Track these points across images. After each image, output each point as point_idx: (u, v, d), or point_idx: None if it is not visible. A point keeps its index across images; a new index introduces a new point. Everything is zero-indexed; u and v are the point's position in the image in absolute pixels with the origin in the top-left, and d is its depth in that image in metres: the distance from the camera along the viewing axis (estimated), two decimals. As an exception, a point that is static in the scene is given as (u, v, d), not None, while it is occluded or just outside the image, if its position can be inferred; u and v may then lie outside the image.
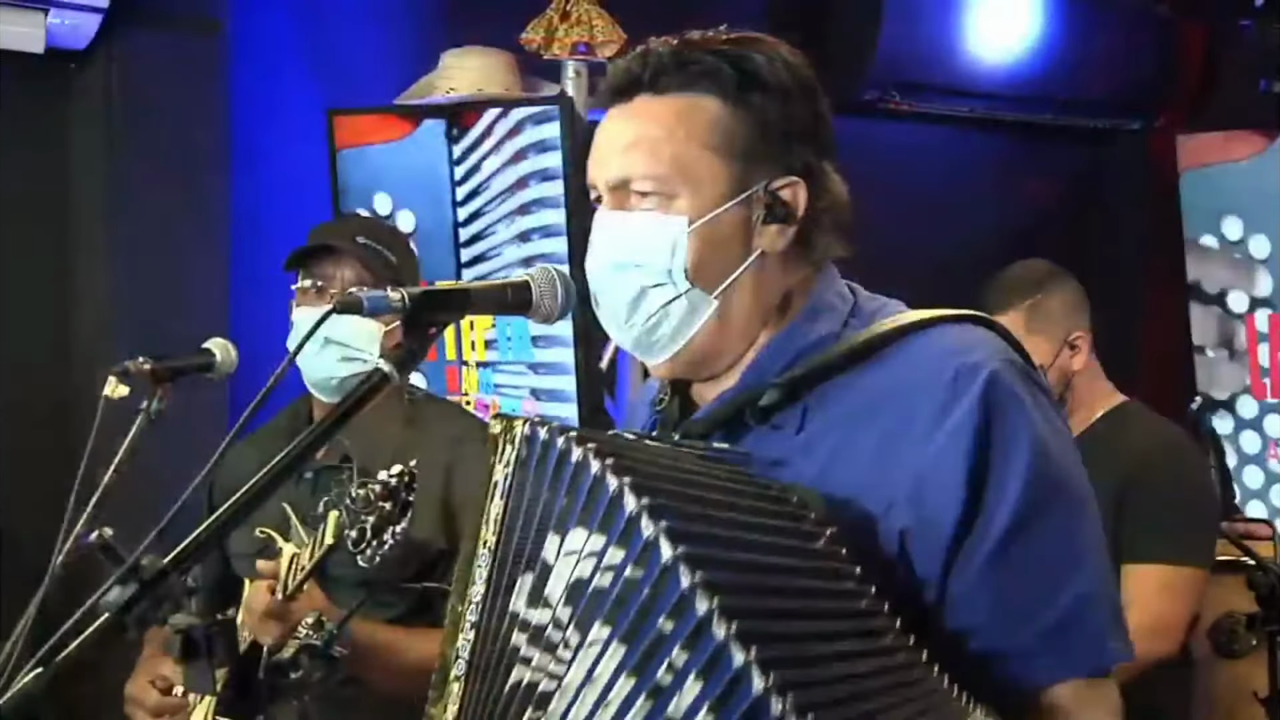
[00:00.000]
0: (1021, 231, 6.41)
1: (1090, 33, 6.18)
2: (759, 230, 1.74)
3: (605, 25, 4.54)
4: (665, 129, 1.72)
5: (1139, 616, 3.30)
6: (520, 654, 1.60)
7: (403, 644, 2.79)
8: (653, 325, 1.75)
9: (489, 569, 1.66)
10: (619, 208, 1.76)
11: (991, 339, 1.73)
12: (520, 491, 1.64)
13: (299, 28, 5.09)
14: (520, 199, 4.51)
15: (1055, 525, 1.64)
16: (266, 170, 4.94)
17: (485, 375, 4.68)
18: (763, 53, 1.75)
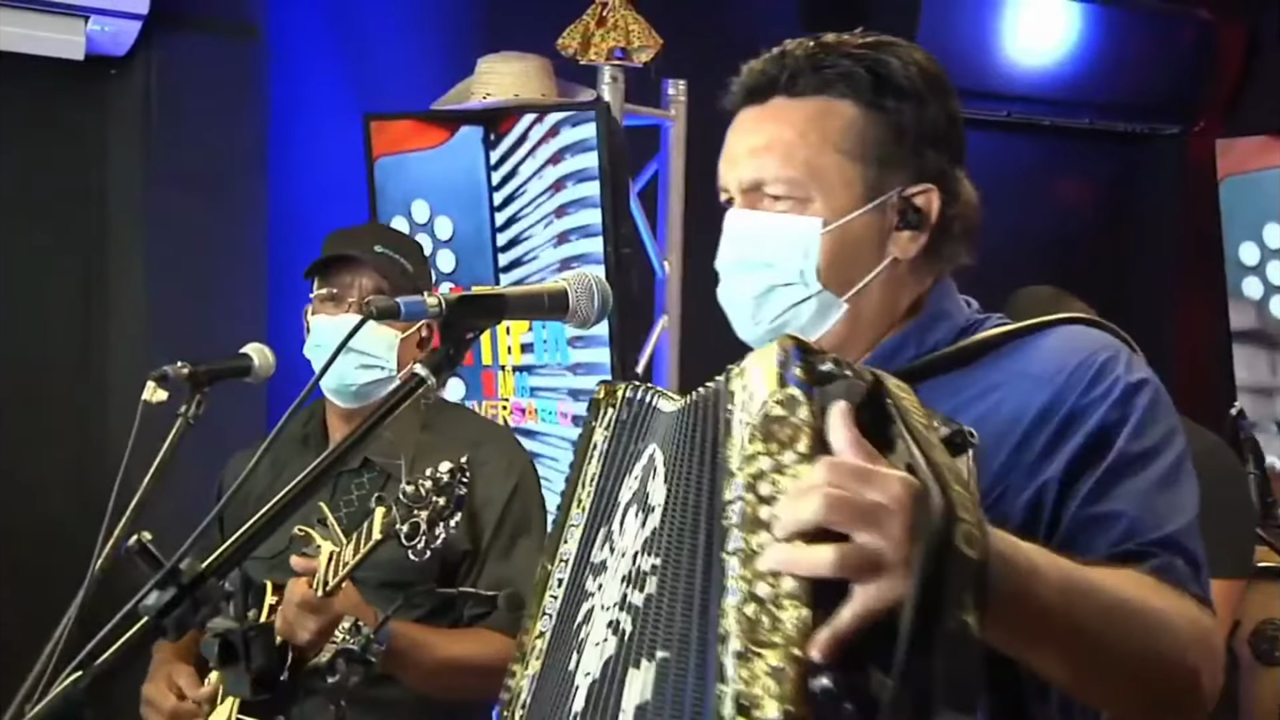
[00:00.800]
0: (1058, 236, 6.39)
1: (1127, 36, 6.15)
2: (892, 236, 1.75)
3: (641, 30, 4.53)
4: (799, 132, 1.72)
5: None
6: (586, 591, 1.65)
7: (435, 643, 2.81)
8: (781, 324, 1.75)
9: (582, 528, 1.71)
10: (751, 208, 1.76)
11: (1107, 337, 1.72)
12: (615, 449, 1.70)
13: (335, 33, 5.11)
14: (557, 200, 4.52)
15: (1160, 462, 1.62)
16: (303, 175, 4.96)
17: (522, 379, 4.68)
18: (898, 56, 1.75)
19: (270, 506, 1.59)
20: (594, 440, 1.74)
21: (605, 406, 1.74)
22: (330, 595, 2.63)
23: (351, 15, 5.15)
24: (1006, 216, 6.22)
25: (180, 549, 1.54)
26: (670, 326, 4.80)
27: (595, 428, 1.74)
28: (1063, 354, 1.67)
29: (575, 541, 1.72)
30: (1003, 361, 1.70)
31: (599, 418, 1.74)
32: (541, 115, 4.51)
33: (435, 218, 4.72)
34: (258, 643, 1.63)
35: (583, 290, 1.80)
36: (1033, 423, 1.63)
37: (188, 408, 2.70)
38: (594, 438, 1.74)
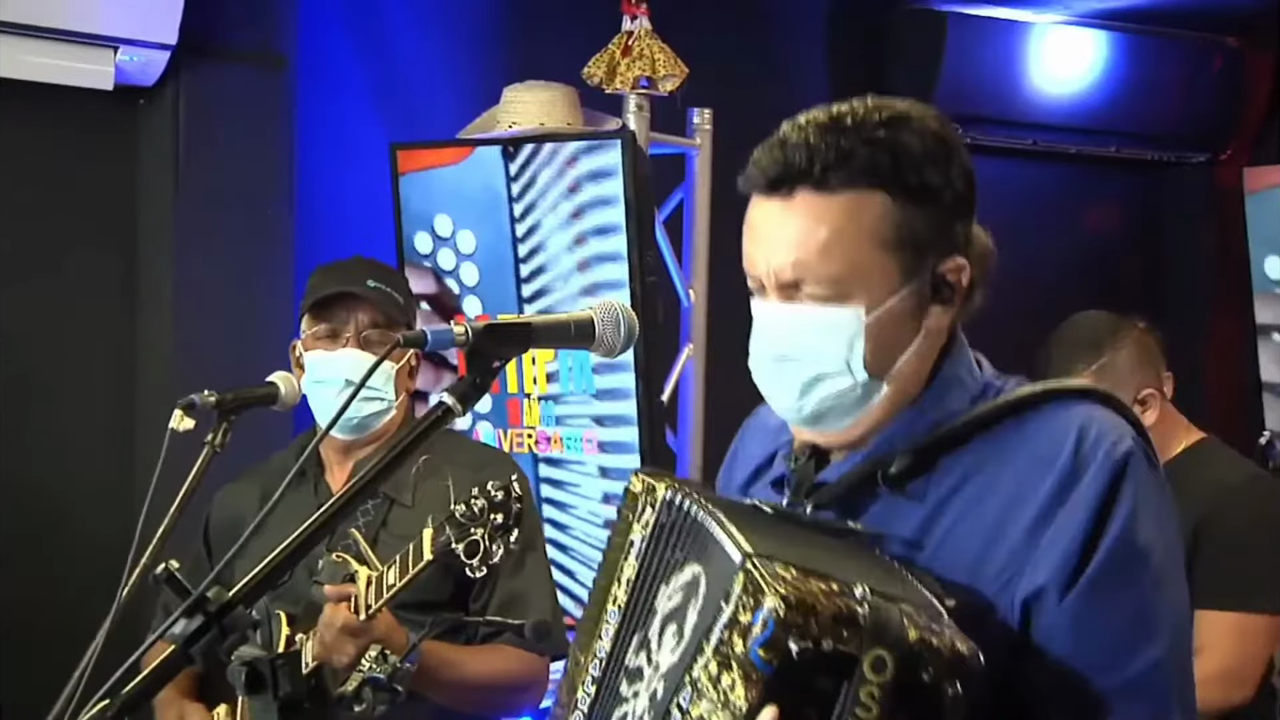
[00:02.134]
0: (1085, 264, 6.38)
1: (1154, 64, 6.15)
2: (928, 311, 1.76)
3: (667, 59, 4.54)
4: (836, 231, 1.70)
5: (1212, 664, 3.25)
6: (620, 696, 1.68)
7: (462, 660, 2.86)
8: (825, 410, 1.77)
9: (617, 627, 1.73)
10: (787, 300, 1.75)
11: (1112, 416, 1.74)
12: (653, 554, 1.70)
13: (363, 62, 5.14)
14: (578, 229, 4.53)
15: (1134, 592, 1.67)
16: (331, 203, 4.98)
17: (547, 408, 4.68)
18: (915, 132, 1.73)
19: (297, 536, 1.60)
20: (630, 538, 1.73)
21: (644, 505, 1.73)
22: (371, 619, 2.66)
23: (379, 45, 5.18)
24: (1034, 244, 6.23)
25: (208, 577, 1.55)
26: (696, 355, 4.80)
27: (633, 523, 1.74)
28: (1067, 436, 1.70)
29: (609, 640, 1.73)
30: (1012, 436, 1.74)
31: (637, 514, 1.73)
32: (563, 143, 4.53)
33: (458, 232, 4.74)
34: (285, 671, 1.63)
35: (609, 319, 1.81)
36: (1043, 508, 1.67)
37: (214, 436, 2.71)
38: (631, 534, 1.74)
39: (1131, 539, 1.66)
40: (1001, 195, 6.02)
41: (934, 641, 1.49)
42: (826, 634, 1.46)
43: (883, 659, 1.47)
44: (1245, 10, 5.89)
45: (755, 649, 1.46)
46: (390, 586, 2.65)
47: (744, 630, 1.47)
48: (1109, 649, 1.64)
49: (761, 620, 1.46)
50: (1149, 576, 1.68)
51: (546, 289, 4.63)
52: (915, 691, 1.48)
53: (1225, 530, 3.29)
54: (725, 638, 1.49)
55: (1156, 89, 6.15)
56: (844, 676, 1.47)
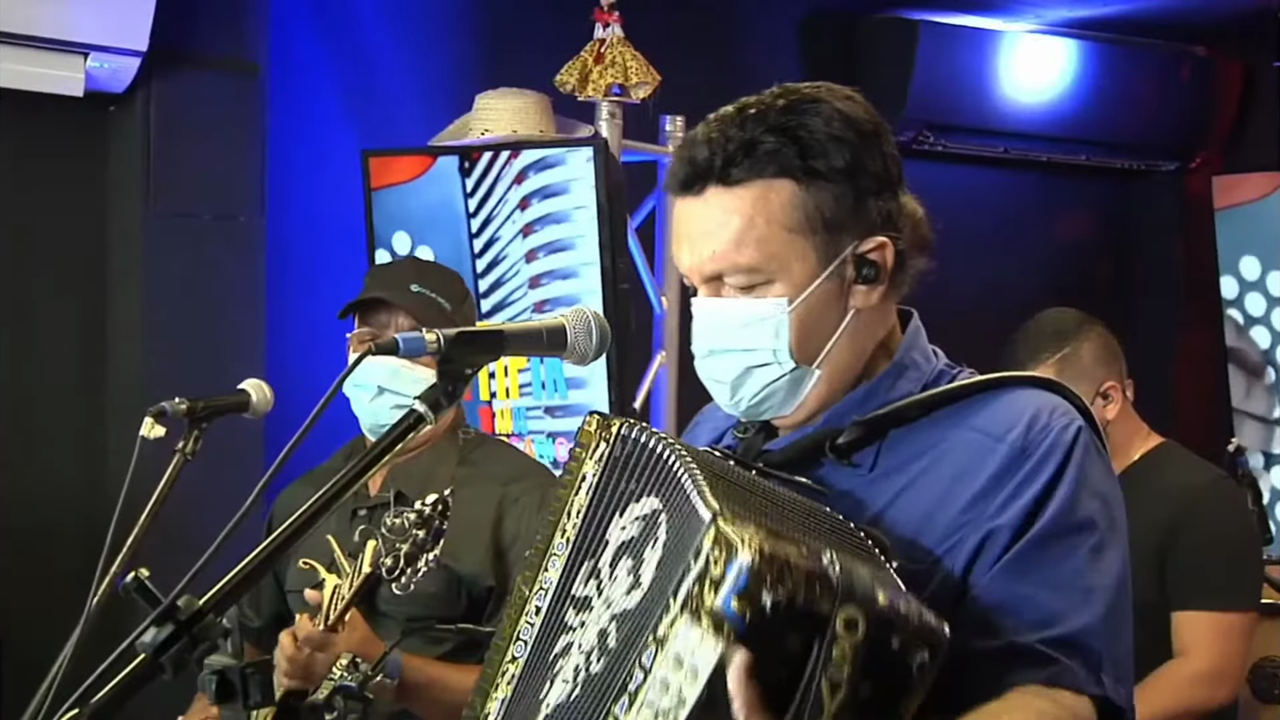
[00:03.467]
0: (1055, 271, 6.40)
1: (1125, 73, 6.18)
2: (852, 291, 1.78)
3: (639, 67, 4.55)
4: (746, 220, 1.74)
5: (1198, 664, 3.29)
6: (565, 624, 1.70)
7: (452, 679, 2.82)
8: (759, 400, 1.80)
9: (565, 558, 1.74)
10: (714, 295, 1.79)
11: (1063, 402, 1.78)
12: (606, 485, 1.73)
13: (335, 70, 5.13)
14: (540, 239, 4.54)
15: (1072, 559, 1.70)
16: (302, 211, 4.97)
17: (520, 415, 4.68)
18: (820, 114, 1.75)
19: (269, 542, 1.60)
20: (583, 471, 1.76)
21: (598, 440, 1.76)
22: (332, 629, 2.64)
23: (351, 52, 5.18)
24: (1004, 251, 6.25)
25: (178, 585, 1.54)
26: (668, 362, 4.80)
27: (585, 459, 1.77)
28: (1015, 415, 1.74)
29: (556, 571, 1.75)
30: (960, 416, 1.76)
31: (590, 450, 1.76)
32: (515, 154, 4.52)
33: (416, 248, 4.74)
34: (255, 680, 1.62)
35: (581, 326, 1.81)
36: (989, 481, 1.71)
37: (185, 443, 2.70)
38: (583, 469, 1.76)
39: (1074, 510, 1.70)
40: (973, 203, 6.05)
41: (903, 608, 1.49)
42: (800, 589, 1.44)
43: (855, 619, 1.45)
44: (1213, 20, 5.92)
45: (729, 600, 1.44)
46: (343, 599, 2.64)
47: (715, 582, 1.45)
48: (1044, 607, 1.67)
49: (735, 572, 1.44)
50: (1088, 545, 1.71)
51: (506, 301, 4.63)
52: (885, 656, 1.47)
53: (1198, 532, 3.33)
54: (694, 591, 1.47)
55: (1126, 97, 6.18)
56: (815, 635, 1.45)
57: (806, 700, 1.45)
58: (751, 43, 5.73)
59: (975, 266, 5.68)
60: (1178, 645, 3.31)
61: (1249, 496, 3.58)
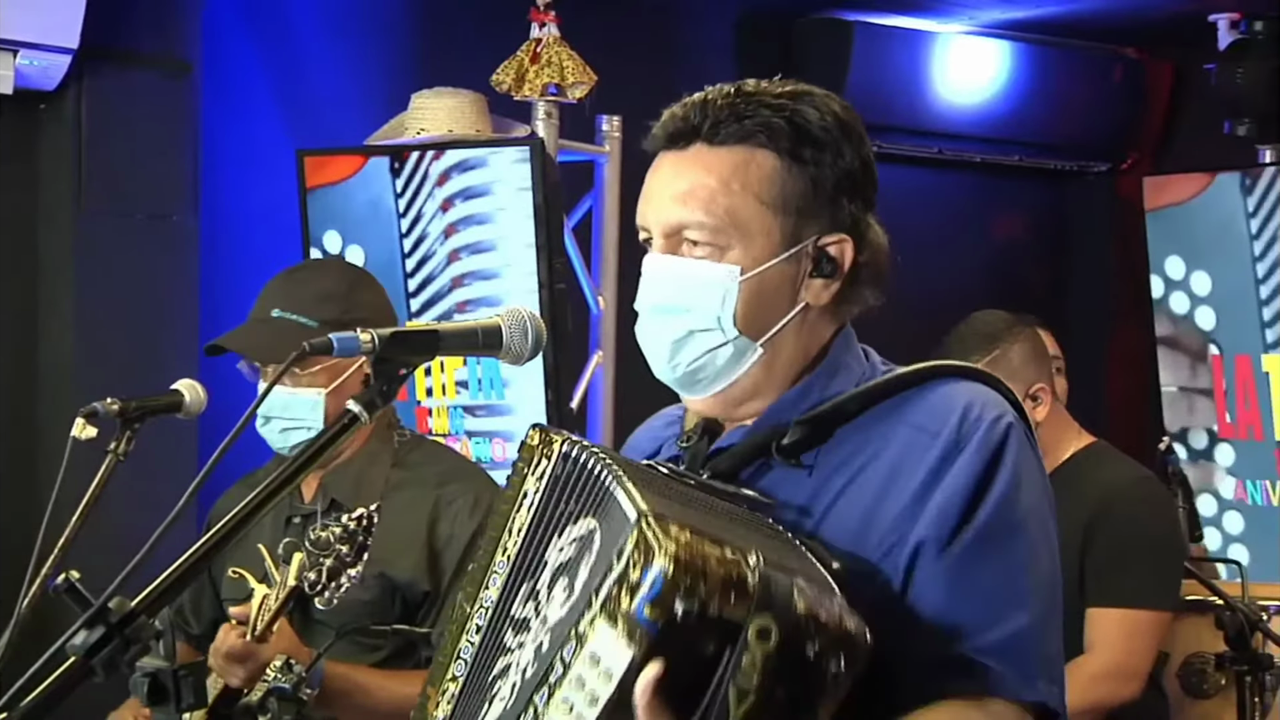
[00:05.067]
0: (990, 271, 6.45)
1: (1057, 75, 6.24)
2: (806, 284, 1.79)
3: (576, 67, 4.55)
4: (722, 181, 1.76)
5: (1102, 660, 3.32)
6: (504, 645, 1.70)
7: (377, 686, 2.80)
8: (697, 367, 1.79)
9: (505, 576, 1.74)
10: (671, 253, 1.79)
11: (994, 394, 1.79)
12: (547, 505, 1.72)
13: (269, 69, 5.10)
14: (470, 238, 4.55)
15: (1007, 559, 1.71)
16: (236, 210, 4.94)
17: (455, 415, 4.68)
18: (815, 106, 1.79)
19: (200, 546, 1.59)
20: (525, 489, 1.76)
21: (540, 456, 1.75)
22: (260, 640, 2.62)
23: (285, 51, 5.15)
24: (938, 252, 6.29)
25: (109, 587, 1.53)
26: (605, 362, 4.80)
27: (528, 475, 1.76)
28: (948, 409, 1.75)
29: (496, 589, 1.75)
30: (896, 410, 1.77)
31: (532, 465, 1.76)
32: (438, 154, 4.52)
33: (347, 247, 4.73)
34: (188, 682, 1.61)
35: (516, 326, 1.81)
36: (926, 478, 1.71)
37: (117, 444, 2.68)
38: (525, 485, 1.76)
39: (1009, 508, 1.71)
40: (907, 203, 6.08)
41: (822, 615, 1.50)
42: (714, 598, 1.47)
43: (768, 628, 1.47)
44: (1144, 22, 5.98)
45: (641, 606, 1.46)
46: (269, 610, 2.62)
47: (632, 587, 1.48)
48: (979, 611, 1.68)
49: (650, 579, 1.46)
50: (1023, 545, 1.72)
51: (434, 299, 4.64)
52: (798, 664, 1.49)
53: (1113, 530, 3.36)
54: (613, 593, 1.49)
55: (1059, 99, 6.23)
56: (728, 642, 1.48)
57: (713, 706, 1.48)
58: (688, 43, 5.74)
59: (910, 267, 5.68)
60: (1086, 641, 3.34)
61: (1179, 495, 3.61)
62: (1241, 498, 5.16)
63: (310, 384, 2.91)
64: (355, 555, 2.54)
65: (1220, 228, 5.13)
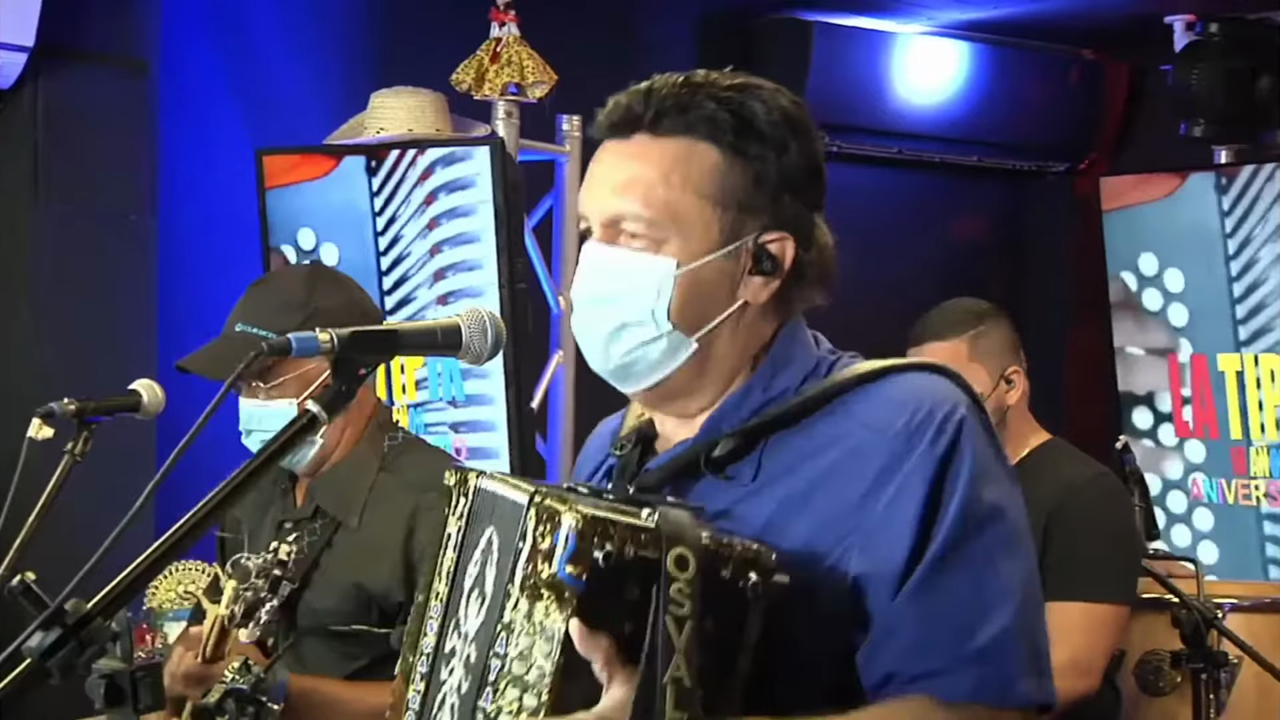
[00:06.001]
0: (949, 270, 6.47)
1: (1015, 76, 6.26)
2: (744, 281, 1.76)
3: (536, 66, 4.55)
4: (661, 173, 1.73)
5: (1060, 654, 3.31)
6: (442, 681, 1.69)
7: (348, 699, 2.77)
8: (630, 361, 1.76)
9: (440, 621, 1.72)
10: (609, 243, 1.76)
11: (947, 385, 1.75)
12: (464, 540, 1.71)
13: (228, 68, 5.08)
14: (433, 238, 4.55)
15: (982, 559, 1.67)
16: (194, 210, 4.92)
17: (416, 415, 4.67)
18: (762, 100, 1.75)
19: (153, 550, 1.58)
20: (448, 531, 1.75)
21: (458, 496, 1.74)
22: (212, 662, 2.59)
23: (244, 49, 5.12)
24: (898, 251, 6.31)
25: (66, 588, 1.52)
26: (566, 361, 4.80)
27: (449, 517, 1.76)
28: (899, 408, 1.70)
29: (433, 635, 1.74)
30: (844, 410, 1.73)
31: (452, 506, 1.75)
32: (421, 150, 4.51)
33: (321, 244, 4.72)
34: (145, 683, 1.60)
35: (476, 326, 1.80)
36: (876, 477, 1.67)
37: (74, 444, 2.67)
38: (448, 528, 1.75)
39: (975, 506, 1.67)
40: (867, 203, 6.09)
41: (724, 540, 1.56)
42: (626, 543, 1.51)
43: (684, 556, 1.51)
44: (1101, 23, 6.01)
45: (563, 565, 1.49)
46: (225, 632, 2.59)
47: (547, 554, 1.51)
48: (956, 624, 1.65)
49: (563, 537, 1.50)
50: (997, 540, 1.68)
51: (409, 298, 4.64)
52: (718, 586, 1.53)
53: (1072, 525, 3.38)
54: (530, 570, 1.52)
55: (1017, 99, 6.26)
56: (652, 581, 1.51)
57: (657, 641, 1.50)
58: (648, 43, 5.74)
59: (870, 266, 5.72)
60: None
61: (1136, 493, 3.63)
62: (1198, 496, 5.19)
63: (280, 395, 2.87)
64: (270, 591, 2.51)
65: (1194, 227, 5.16)
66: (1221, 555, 5.04)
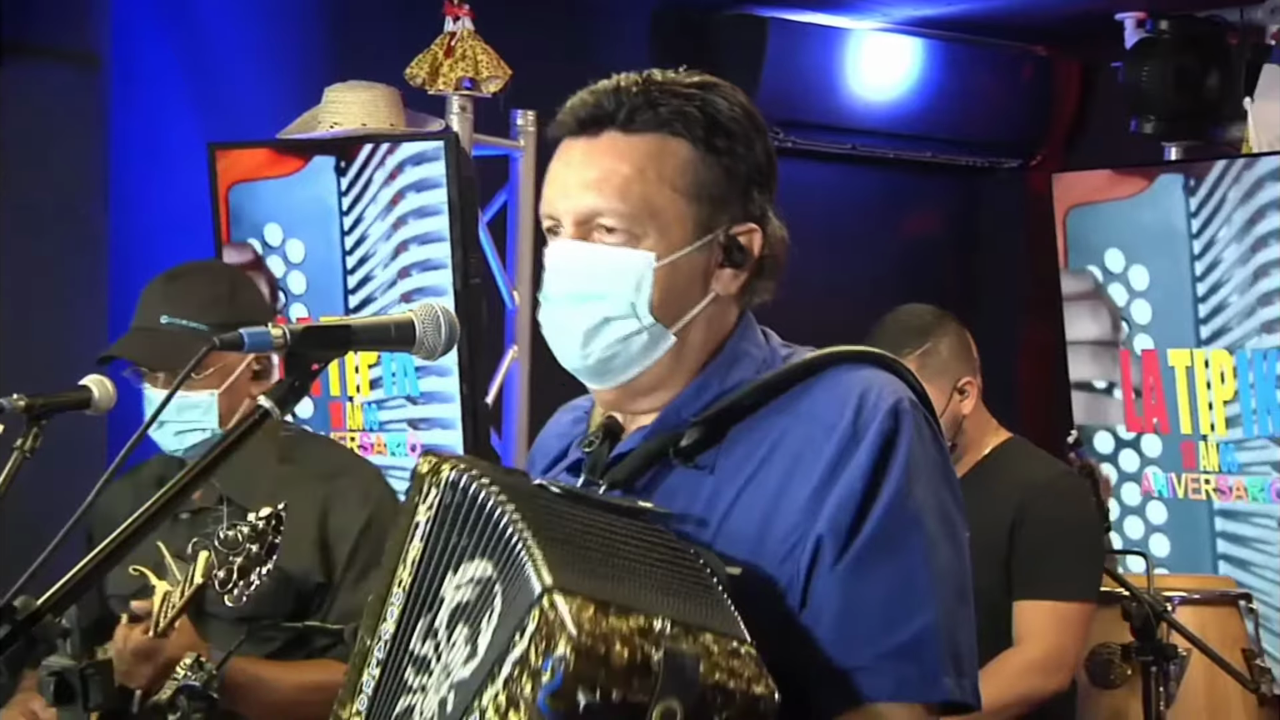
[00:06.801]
0: (903, 265, 6.50)
1: (968, 72, 6.28)
2: (716, 274, 1.78)
3: (490, 60, 4.54)
4: (637, 168, 1.74)
5: (1032, 652, 3.37)
6: (406, 684, 1.68)
7: (276, 676, 2.83)
8: (610, 355, 1.77)
9: (401, 608, 1.72)
10: (583, 239, 1.77)
11: (891, 379, 1.77)
12: (438, 536, 1.69)
13: (180, 62, 5.04)
14: (399, 237, 4.56)
15: (905, 559, 1.69)
16: (146, 204, 4.88)
17: (370, 411, 4.66)
18: (724, 97, 1.79)
19: (107, 544, 1.57)
20: (416, 519, 1.73)
21: (429, 485, 1.72)
22: (163, 636, 2.61)
23: (197, 44, 5.09)
24: (853, 246, 6.32)
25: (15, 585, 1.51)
26: (520, 357, 4.80)
27: (418, 504, 1.73)
28: (843, 399, 1.73)
29: (393, 622, 1.73)
30: (794, 402, 1.76)
31: (422, 495, 1.73)
32: (392, 148, 4.51)
33: (288, 240, 4.72)
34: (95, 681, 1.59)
35: (429, 321, 1.80)
36: (824, 474, 1.70)
37: (24, 440, 2.66)
38: (416, 516, 1.73)
39: (903, 503, 1.69)
40: (821, 199, 6.11)
41: (730, 685, 1.50)
42: (617, 684, 1.47)
43: (672, 710, 1.47)
44: (1053, 21, 6.04)
45: (543, 698, 1.46)
46: (173, 606, 2.62)
47: (534, 674, 1.47)
48: (878, 616, 1.67)
49: (551, 668, 1.46)
50: (921, 540, 1.70)
51: (372, 296, 4.64)
52: None
53: (1039, 525, 3.41)
54: (515, 675, 1.50)
55: (970, 96, 6.28)
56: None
57: None
58: (603, 38, 5.74)
59: (824, 261, 5.73)
60: (1016, 633, 3.40)
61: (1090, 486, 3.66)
62: (1149, 491, 5.23)
63: (203, 386, 2.93)
64: (266, 553, 2.53)
65: (1161, 225, 5.19)
66: (1173, 549, 5.07)
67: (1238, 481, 5.02)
